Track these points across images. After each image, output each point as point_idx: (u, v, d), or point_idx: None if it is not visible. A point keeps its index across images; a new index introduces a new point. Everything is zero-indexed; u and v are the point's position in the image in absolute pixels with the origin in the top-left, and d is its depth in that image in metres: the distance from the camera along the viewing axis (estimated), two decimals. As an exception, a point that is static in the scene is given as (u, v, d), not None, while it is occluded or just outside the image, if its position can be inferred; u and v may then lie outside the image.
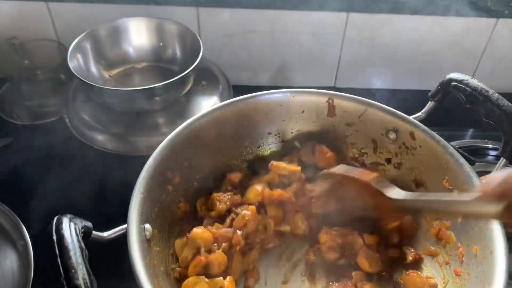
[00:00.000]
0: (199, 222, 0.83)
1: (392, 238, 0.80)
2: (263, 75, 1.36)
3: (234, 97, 1.17)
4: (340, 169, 0.76)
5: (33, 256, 0.85)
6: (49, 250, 0.54)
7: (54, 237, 0.51)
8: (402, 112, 0.88)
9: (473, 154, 1.07)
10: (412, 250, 0.79)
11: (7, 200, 0.94)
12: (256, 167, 0.92)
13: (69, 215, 0.57)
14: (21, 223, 0.90)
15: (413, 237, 0.81)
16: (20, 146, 1.16)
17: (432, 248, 0.78)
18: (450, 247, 0.75)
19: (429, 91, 0.87)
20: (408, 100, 1.34)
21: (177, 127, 1.00)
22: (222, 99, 1.17)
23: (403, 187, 0.84)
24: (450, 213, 0.63)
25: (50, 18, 1.24)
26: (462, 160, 0.75)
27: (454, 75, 0.79)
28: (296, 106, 0.90)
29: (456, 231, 0.74)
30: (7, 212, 0.92)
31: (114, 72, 1.21)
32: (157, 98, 1.06)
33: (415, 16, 1.22)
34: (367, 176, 0.72)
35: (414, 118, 0.85)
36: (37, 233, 0.89)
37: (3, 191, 1.01)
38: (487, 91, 0.73)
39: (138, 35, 1.21)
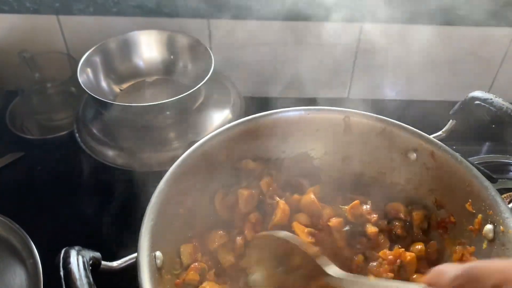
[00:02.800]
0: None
1: (421, 267, 0.77)
2: (276, 87, 1.34)
3: (246, 109, 1.18)
4: (281, 233, 0.72)
5: (42, 275, 0.84)
6: (56, 277, 0.53)
7: (62, 273, 0.49)
8: (418, 124, 0.85)
9: (494, 171, 1.04)
10: None
11: (17, 216, 0.93)
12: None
13: (77, 247, 0.55)
14: (30, 240, 0.89)
15: (437, 263, 0.78)
16: (30, 161, 1.15)
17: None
18: (474, 273, 0.72)
19: (445, 102, 0.84)
20: (425, 112, 1.31)
21: (188, 141, 0.99)
22: (234, 112, 1.15)
23: (423, 209, 0.83)
24: None
25: (60, 31, 1.23)
26: (487, 183, 0.72)
27: (477, 94, 0.75)
28: (311, 124, 0.87)
29: (481, 258, 0.71)
30: (16, 229, 0.91)
31: (124, 86, 1.19)
32: (168, 113, 1.05)
33: (430, 26, 1.19)
34: (310, 248, 0.70)
35: (435, 137, 0.81)
36: (47, 251, 0.87)
37: (13, 207, 1.01)
38: (513, 111, 0.70)
39: (149, 48, 1.20)
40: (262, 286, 0.72)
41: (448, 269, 0.46)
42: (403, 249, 0.77)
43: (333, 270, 0.66)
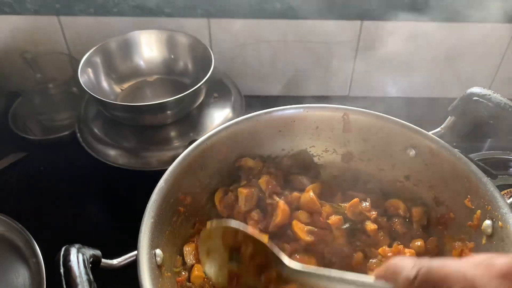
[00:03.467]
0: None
1: None
2: (276, 85, 1.34)
3: (246, 107, 1.18)
4: (232, 222, 0.68)
5: (45, 274, 0.85)
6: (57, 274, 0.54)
7: (62, 270, 0.50)
8: (419, 121, 0.85)
9: (494, 167, 1.04)
10: None
11: (20, 216, 0.93)
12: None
13: (77, 245, 0.55)
14: (33, 240, 0.90)
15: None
16: (33, 161, 1.16)
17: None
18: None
19: (446, 99, 0.84)
20: (425, 109, 1.31)
21: (189, 140, 0.99)
22: (234, 111, 1.15)
23: (423, 205, 0.83)
24: None
25: (61, 31, 1.24)
26: (485, 179, 0.72)
27: (475, 90, 0.75)
28: (310, 121, 0.88)
29: (480, 253, 0.71)
30: (19, 229, 0.92)
31: (125, 85, 1.20)
32: (169, 112, 1.05)
33: (431, 22, 1.19)
34: (262, 237, 0.66)
35: (434, 133, 0.82)
36: (50, 250, 0.88)
37: (16, 207, 1.01)
38: (511, 107, 0.70)
39: (149, 48, 1.20)
40: (215, 277, 0.69)
41: (404, 267, 0.43)
42: (402, 246, 0.77)
43: (287, 259, 0.63)
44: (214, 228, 0.68)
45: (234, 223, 0.67)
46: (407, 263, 0.43)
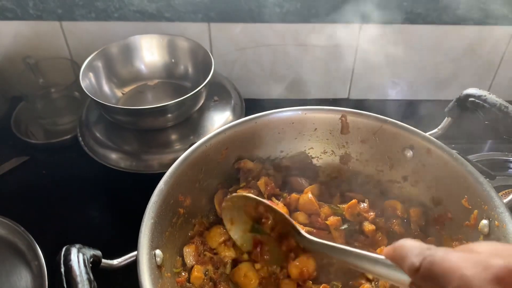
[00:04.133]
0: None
1: None
2: (276, 88, 1.35)
3: (246, 111, 1.19)
4: (252, 196, 0.73)
5: (48, 277, 0.86)
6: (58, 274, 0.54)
7: (62, 269, 0.51)
8: (418, 122, 0.86)
9: (493, 168, 1.05)
10: None
11: (22, 219, 0.94)
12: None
13: (77, 245, 0.56)
14: (35, 243, 0.90)
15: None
16: (35, 165, 1.17)
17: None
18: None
19: (445, 101, 0.85)
20: (424, 111, 1.32)
21: (190, 142, 0.99)
22: (234, 114, 1.16)
23: (421, 205, 0.84)
24: (359, 267, 0.55)
25: (63, 36, 1.25)
26: (482, 179, 0.72)
27: (471, 91, 0.76)
28: (308, 123, 0.89)
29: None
30: (22, 232, 0.92)
31: (126, 89, 1.21)
32: (170, 115, 1.06)
33: (429, 25, 1.20)
34: (281, 209, 0.71)
35: (431, 134, 0.82)
36: (52, 253, 0.89)
37: (19, 210, 1.02)
38: (507, 107, 0.71)
39: (150, 52, 1.21)
40: (241, 242, 0.74)
41: (410, 252, 0.43)
42: None
43: (303, 231, 0.67)
44: (236, 199, 0.73)
45: (253, 196, 0.71)
46: (414, 248, 0.44)
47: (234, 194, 0.74)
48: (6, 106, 1.29)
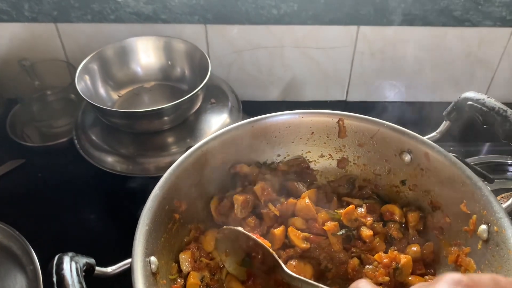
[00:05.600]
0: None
1: (417, 269, 0.77)
2: (273, 91, 1.35)
3: (243, 113, 1.18)
4: (241, 229, 0.76)
5: (42, 281, 0.85)
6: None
7: (54, 279, 0.50)
8: (416, 125, 0.86)
9: (492, 171, 1.04)
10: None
11: (17, 223, 0.94)
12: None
13: (70, 253, 0.55)
14: (30, 248, 0.90)
15: (433, 264, 0.78)
16: (31, 168, 1.16)
17: (451, 275, 0.75)
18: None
19: (443, 103, 0.84)
20: (422, 113, 1.32)
21: (186, 145, 0.99)
22: (231, 116, 1.16)
23: (419, 210, 0.83)
24: None
25: (59, 38, 1.25)
26: (481, 184, 0.72)
27: (470, 94, 0.75)
28: (305, 127, 0.88)
29: (476, 258, 0.71)
30: (17, 237, 0.92)
31: (122, 92, 1.20)
32: (166, 118, 1.05)
33: (427, 27, 1.19)
34: (265, 243, 0.74)
35: (429, 138, 0.82)
36: (47, 258, 0.88)
37: (14, 214, 1.01)
38: (505, 111, 0.70)
39: (146, 54, 1.20)
40: (236, 273, 0.77)
41: None
42: (397, 252, 0.77)
43: (285, 267, 0.70)
44: (227, 231, 0.76)
45: (243, 231, 0.74)
46: None
47: (226, 227, 0.76)
48: (2, 108, 1.28)
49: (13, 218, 0.95)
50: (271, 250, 0.72)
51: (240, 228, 0.75)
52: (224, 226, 0.77)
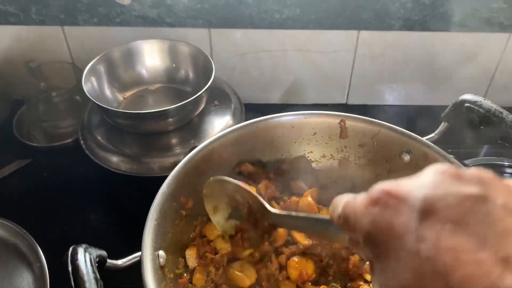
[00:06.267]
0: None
1: None
2: (275, 93, 1.37)
3: (246, 115, 1.21)
4: (225, 178, 0.74)
5: (49, 279, 0.86)
6: (64, 273, 0.55)
7: (70, 268, 0.52)
8: (416, 128, 0.88)
9: (489, 172, 1.06)
10: None
11: (24, 221, 0.95)
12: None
13: (84, 245, 0.57)
14: (37, 245, 0.91)
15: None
16: (37, 167, 1.18)
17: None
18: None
19: (442, 106, 0.86)
20: (421, 116, 1.34)
21: (190, 146, 1.00)
22: (234, 118, 1.18)
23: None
24: (318, 234, 0.60)
25: (65, 41, 1.27)
26: (477, 183, 0.74)
27: (467, 96, 0.78)
28: (308, 128, 0.90)
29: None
30: (23, 234, 0.93)
31: (128, 94, 1.22)
32: (171, 119, 1.07)
33: (426, 32, 1.22)
34: (250, 188, 0.73)
35: (427, 139, 0.84)
36: (53, 255, 0.90)
37: (20, 212, 1.03)
38: (501, 113, 0.73)
39: (151, 57, 1.22)
40: (223, 229, 0.77)
41: (338, 205, 0.43)
42: None
43: (268, 206, 0.69)
44: (214, 183, 0.74)
45: (226, 178, 0.73)
46: (341, 200, 0.43)
47: (212, 177, 0.75)
48: (8, 109, 1.30)
49: (19, 217, 0.97)
50: (255, 193, 0.71)
51: (225, 177, 0.74)
52: (210, 178, 0.76)
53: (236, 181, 0.73)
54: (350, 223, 0.40)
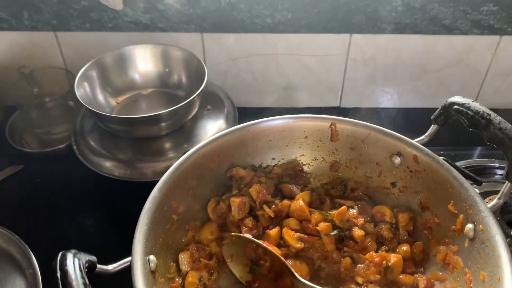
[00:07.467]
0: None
1: (407, 268, 0.80)
2: (268, 97, 1.37)
3: (239, 119, 1.21)
4: (250, 237, 0.78)
5: (42, 285, 0.86)
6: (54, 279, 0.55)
7: (58, 274, 0.52)
8: (408, 131, 0.88)
9: (480, 174, 1.07)
10: (424, 278, 0.78)
11: (17, 227, 0.95)
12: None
13: (73, 251, 0.57)
14: (30, 251, 0.91)
15: (422, 263, 0.80)
16: (30, 173, 1.18)
17: (440, 273, 0.77)
18: (457, 272, 0.74)
19: (435, 109, 0.87)
20: (414, 119, 1.35)
21: (183, 151, 1.01)
22: (227, 122, 1.18)
23: (409, 211, 0.86)
24: None
25: (58, 46, 1.27)
26: (467, 184, 0.74)
27: (456, 99, 0.78)
28: (299, 131, 0.91)
29: (463, 256, 0.74)
30: (16, 241, 0.93)
31: (121, 98, 1.22)
32: (164, 124, 1.07)
33: (417, 35, 1.23)
34: (275, 250, 0.76)
35: (418, 141, 0.84)
36: (46, 261, 0.89)
37: (13, 218, 1.03)
38: (489, 114, 0.73)
39: (144, 61, 1.23)
40: (240, 276, 0.78)
41: None
42: (387, 252, 0.79)
43: (298, 275, 0.72)
44: (235, 238, 0.77)
45: (252, 238, 0.76)
46: None
47: (234, 233, 0.79)
48: (1, 115, 1.30)
49: (12, 223, 0.97)
50: (282, 259, 0.73)
51: (249, 236, 0.77)
52: (232, 233, 0.79)
53: (261, 242, 0.75)
54: None
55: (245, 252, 0.79)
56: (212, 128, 1.16)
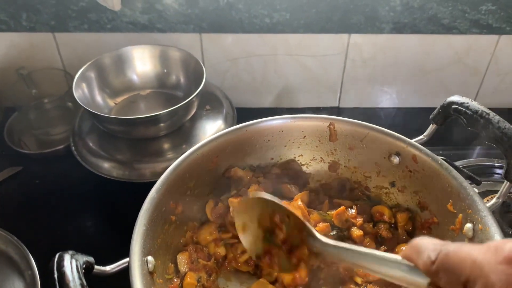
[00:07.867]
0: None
1: None
2: (267, 98, 1.37)
3: (238, 120, 1.21)
4: (267, 195, 0.67)
5: (41, 286, 0.86)
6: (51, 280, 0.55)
7: (56, 275, 0.52)
8: (407, 130, 0.88)
9: (479, 173, 1.07)
10: None
11: (15, 229, 0.95)
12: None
13: (70, 252, 0.57)
14: (28, 253, 0.91)
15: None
16: (28, 175, 1.17)
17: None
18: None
19: (433, 108, 0.87)
20: (413, 119, 1.35)
21: (182, 151, 1.00)
22: (226, 123, 1.18)
23: (408, 210, 0.86)
24: (375, 272, 0.52)
25: (56, 47, 1.27)
26: (466, 184, 0.74)
27: (455, 98, 0.78)
28: (297, 131, 0.90)
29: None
30: (15, 242, 0.93)
31: (119, 99, 1.22)
32: (162, 124, 1.07)
33: (416, 35, 1.22)
34: (296, 212, 0.66)
35: (416, 141, 0.84)
36: (45, 263, 0.89)
37: (11, 220, 1.03)
38: (488, 114, 0.73)
39: (142, 62, 1.23)
40: (249, 250, 0.70)
41: (426, 248, 0.43)
42: (386, 252, 0.79)
43: (318, 234, 0.62)
44: (250, 201, 0.68)
45: (268, 196, 0.66)
46: (429, 245, 0.44)
47: (251, 196, 0.69)
48: (0, 116, 1.30)
49: (10, 224, 0.96)
50: (301, 217, 0.64)
51: (267, 195, 0.66)
52: (247, 196, 0.72)
53: (280, 201, 0.66)
54: (452, 272, 0.40)
55: (259, 221, 0.68)
56: (211, 129, 1.16)
